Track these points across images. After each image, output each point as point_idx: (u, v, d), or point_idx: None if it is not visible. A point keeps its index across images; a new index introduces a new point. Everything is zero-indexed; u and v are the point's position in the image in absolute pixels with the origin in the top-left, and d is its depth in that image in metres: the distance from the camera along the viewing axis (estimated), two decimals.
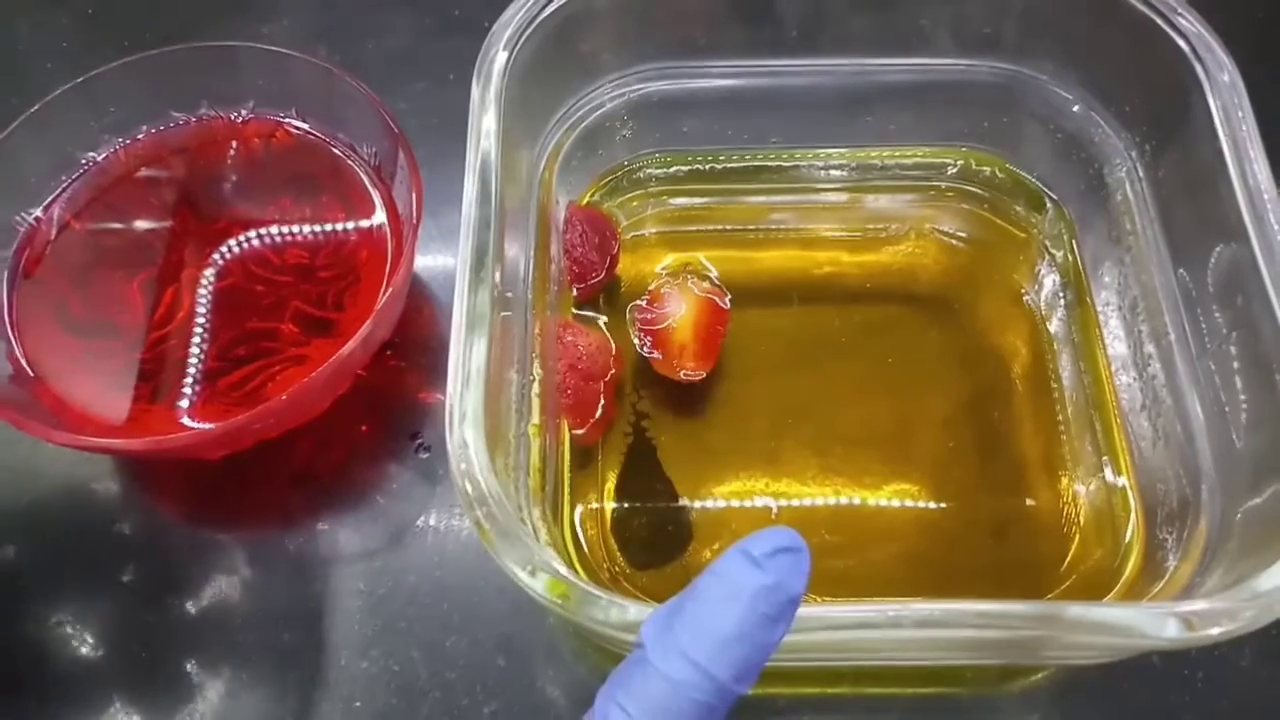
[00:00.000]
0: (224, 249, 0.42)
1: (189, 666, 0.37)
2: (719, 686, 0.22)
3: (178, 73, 0.43)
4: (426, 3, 0.53)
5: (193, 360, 0.40)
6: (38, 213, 0.42)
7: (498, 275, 0.32)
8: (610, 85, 0.42)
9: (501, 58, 0.36)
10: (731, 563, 0.23)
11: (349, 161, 0.44)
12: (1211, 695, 0.36)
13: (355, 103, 0.41)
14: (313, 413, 0.39)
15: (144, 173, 0.44)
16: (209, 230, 0.43)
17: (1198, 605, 0.27)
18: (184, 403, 0.39)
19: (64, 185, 0.42)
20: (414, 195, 0.39)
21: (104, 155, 0.43)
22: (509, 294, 0.34)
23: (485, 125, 0.34)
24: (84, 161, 0.43)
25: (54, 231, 0.42)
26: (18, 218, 0.41)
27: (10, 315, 0.40)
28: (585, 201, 0.44)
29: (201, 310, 0.41)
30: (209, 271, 0.42)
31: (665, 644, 0.23)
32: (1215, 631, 0.26)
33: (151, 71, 0.42)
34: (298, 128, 0.44)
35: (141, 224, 0.43)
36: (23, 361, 0.39)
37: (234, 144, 0.44)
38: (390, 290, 0.38)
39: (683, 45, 0.42)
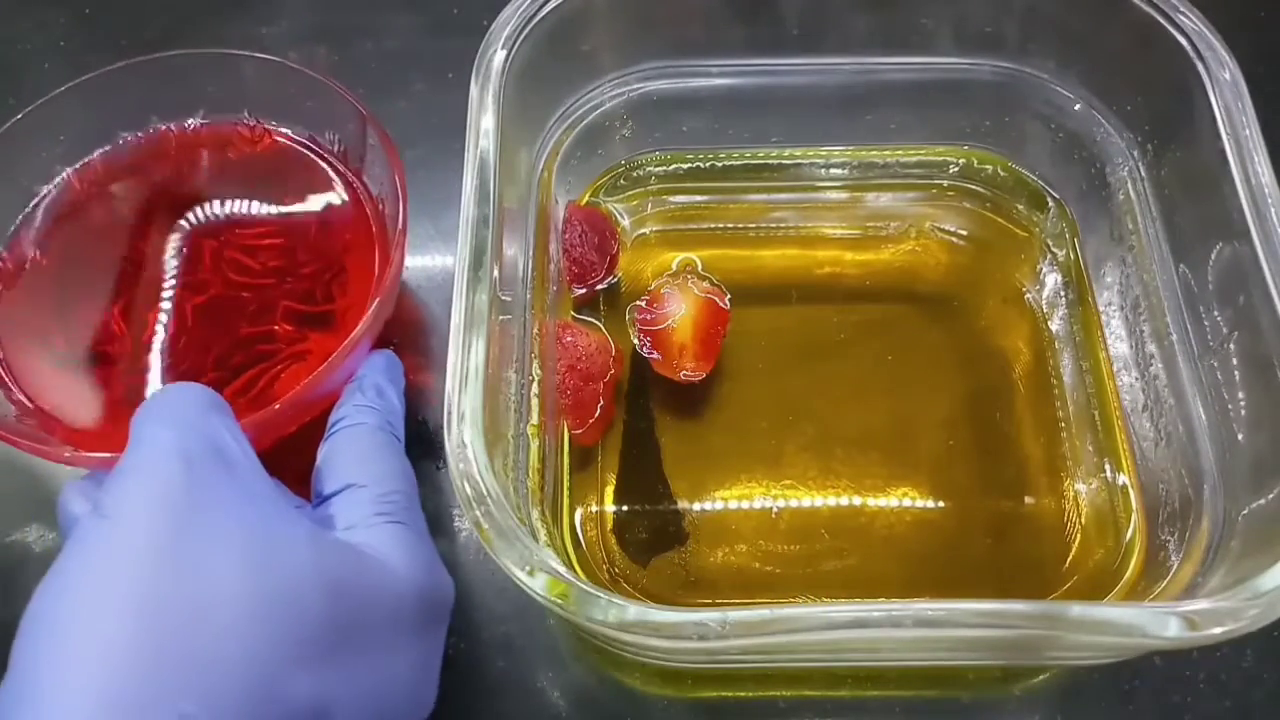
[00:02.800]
0: (198, 263, 0.41)
1: None
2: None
3: (123, 91, 0.41)
4: (425, 2, 0.53)
5: (191, 375, 0.39)
6: (1, 251, 0.40)
7: (496, 275, 0.32)
8: (609, 84, 0.42)
9: (500, 57, 0.35)
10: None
11: (311, 152, 0.43)
12: (1213, 696, 0.36)
13: (311, 92, 0.41)
14: (331, 399, 0.38)
15: (102, 197, 0.42)
16: (179, 246, 0.42)
17: (1200, 605, 0.26)
18: None
19: (23, 220, 0.41)
20: (393, 169, 0.38)
21: (59, 185, 0.42)
22: (508, 294, 0.34)
23: (484, 124, 0.34)
24: (39, 193, 0.41)
25: (22, 269, 0.40)
26: None
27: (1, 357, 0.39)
28: (584, 201, 0.44)
29: (189, 326, 0.40)
30: (188, 287, 0.40)
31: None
32: (1218, 631, 0.26)
33: (96, 93, 0.41)
34: (252, 128, 0.43)
35: (109, 250, 0.41)
36: (24, 400, 0.38)
37: (189, 155, 0.43)
38: (391, 268, 0.37)
39: (682, 44, 0.42)
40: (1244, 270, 0.32)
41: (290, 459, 0.40)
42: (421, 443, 0.41)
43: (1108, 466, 0.39)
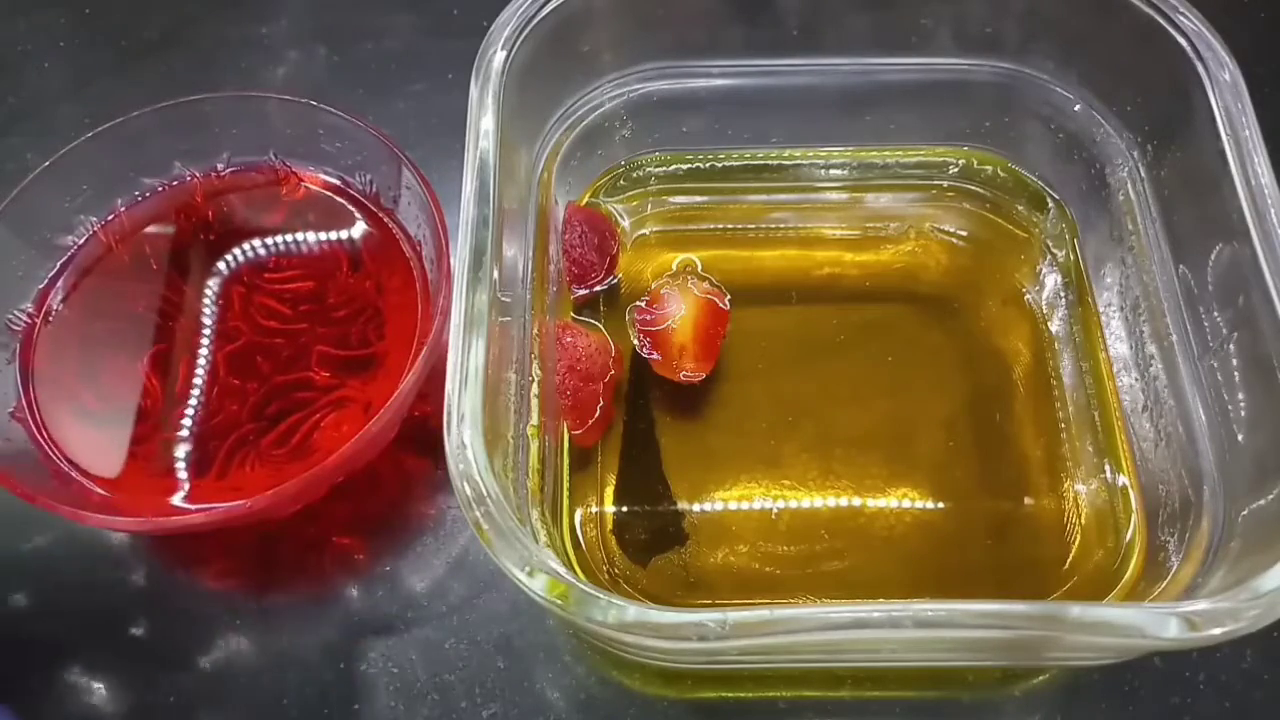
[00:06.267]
0: (228, 310, 0.41)
1: (185, 667, 0.37)
2: None
3: (145, 137, 0.41)
4: (425, 2, 0.53)
5: (226, 426, 0.38)
6: (29, 308, 0.39)
7: (496, 276, 0.32)
8: (609, 85, 0.42)
9: (500, 57, 0.35)
10: None
11: (340, 194, 0.42)
12: (1213, 697, 0.36)
13: (340, 133, 0.40)
14: (380, 446, 0.38)
15: (128, 248, 0.41)
16: (207, 293, 0.41)
17: (1200, 605, 0.26)
18: (231, 468, 0.38)
19: (49, 275, 0.40)
20: (433, 210, 0.38)
21: (85, 238, 0.41)
22: (507, 295, 0.34)
23: (483, 125, 0.34)
24: (64, 246, 0.41)
25: (49, 325, 0.40)
26: (10, 316, 0.39)
27: (36, 419, 0.38)
28: (584, 201, 0.44)
29: (221, 376, 0.39)
30: (218, 335, 0.40)
31: None
32: (1218, 632, 0.26)
33: (117, 140, 0.40)
34: (278, 170, 0.43)
35: (135, 301, 0.40)
36: (61, 464, 0.37)
37: (215, 200, 0.42)
38: (439, 313, 0.37)
39: (683, 45, 0.42)
40: (1244, 270, 0.32)
41: (335, 506, 0.39)
42: (421, 442, 0.41)
43: (1107, 467, 0.39)
